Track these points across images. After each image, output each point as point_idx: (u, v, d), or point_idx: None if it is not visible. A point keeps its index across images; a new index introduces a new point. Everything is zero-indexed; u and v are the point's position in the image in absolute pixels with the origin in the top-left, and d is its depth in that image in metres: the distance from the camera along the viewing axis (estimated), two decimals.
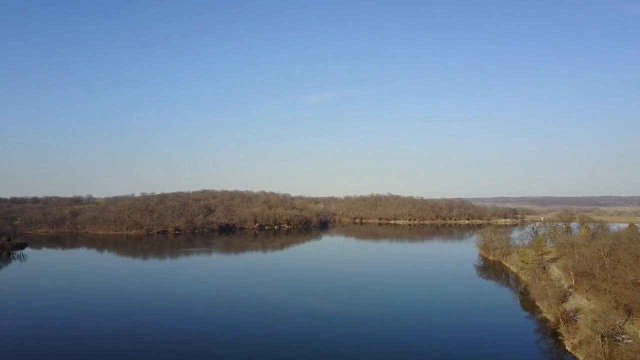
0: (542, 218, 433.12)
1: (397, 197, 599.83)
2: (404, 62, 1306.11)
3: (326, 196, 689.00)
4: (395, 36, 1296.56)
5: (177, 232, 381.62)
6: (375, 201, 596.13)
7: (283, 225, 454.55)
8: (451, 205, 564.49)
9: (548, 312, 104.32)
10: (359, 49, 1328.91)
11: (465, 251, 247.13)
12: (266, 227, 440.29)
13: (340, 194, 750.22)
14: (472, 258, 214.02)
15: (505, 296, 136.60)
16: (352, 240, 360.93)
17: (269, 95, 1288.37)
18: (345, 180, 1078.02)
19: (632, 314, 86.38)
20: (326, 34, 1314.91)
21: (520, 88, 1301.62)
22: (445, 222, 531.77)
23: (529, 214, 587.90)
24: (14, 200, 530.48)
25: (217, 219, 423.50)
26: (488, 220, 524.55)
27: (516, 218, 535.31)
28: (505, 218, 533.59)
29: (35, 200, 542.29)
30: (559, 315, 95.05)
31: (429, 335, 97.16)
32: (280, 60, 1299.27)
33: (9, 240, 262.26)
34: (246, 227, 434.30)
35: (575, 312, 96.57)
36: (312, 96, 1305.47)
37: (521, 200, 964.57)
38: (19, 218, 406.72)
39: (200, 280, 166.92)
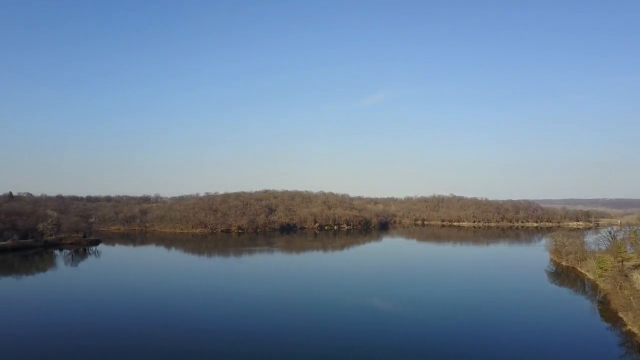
0: (620, 222, 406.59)
1: (460, 198, 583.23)
2: (459, 61, 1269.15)
3: (386, 197, 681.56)
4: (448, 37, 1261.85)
5: (240, 230, 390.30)
6: (437, 202, 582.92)
7: (342, 226, 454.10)
8: (517, 207, 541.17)
9: (633, 325, 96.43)
10: (413, 50, 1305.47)
11: (534, 255, 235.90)
12: (326, 227, 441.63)
13: (400, 194, 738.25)
14: (543, 263, 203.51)
15: (582, 305, 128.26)
16: (413, 242, 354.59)
17: (323, 95, 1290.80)
18: (405, 181, 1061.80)
19: None
20: (375, 36, 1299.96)
21: (592, 84, 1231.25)
22: (511, 224, 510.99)
23: (603, 217, 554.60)
24: (89, 199, 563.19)
25: (278, 218, 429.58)
26: (558, 223, 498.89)
27: (589, 221, 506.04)
28: (577, 221, 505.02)
29: (108, 199, 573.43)
30: None
31: (498, 341, 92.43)
32: (338, 58, 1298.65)
33: (84, 237, 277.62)
34: (306, 226, 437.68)
35: None
36: (368, 97, 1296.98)
37: (594, 202, 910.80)
38: (93, 216, 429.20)
39: (265, 280, 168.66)
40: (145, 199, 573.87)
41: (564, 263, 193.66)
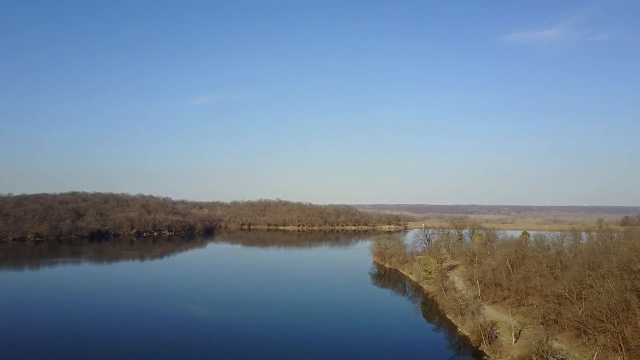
0: (423, 225, 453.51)
1: (285, 203, 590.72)
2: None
3: (211, 201, 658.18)
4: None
5: (38, 239, 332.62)
6: (263, 206, 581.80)
7: (163, 232, 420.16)
8: (338, 212, 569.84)
9: (462, 326, 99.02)
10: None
11: (356, 257, 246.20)
12: (144, 234, 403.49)
13: (226, 198, 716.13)
14: (366, 265, 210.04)
15: (408, 307, 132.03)
16: (238, 247, 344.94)
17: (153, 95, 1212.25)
18: (233, 185, 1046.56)
19: (564, 329, 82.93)
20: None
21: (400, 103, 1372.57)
22: (332, 228, 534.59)
23: (409, 221, 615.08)
24: None
25: (88, 224, 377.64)
26: (373, 226, 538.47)
27: (399, 224, 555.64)
28: (389, 224, 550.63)
29: None
30: (475, 329, 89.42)
31: (327, 345, 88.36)
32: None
33: None
34: (121, 233, 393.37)
35: (492, 327, 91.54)
36: (198, 97, 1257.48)
37: (399, 207, 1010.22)
38: None
39: (67, 293, 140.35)
40: None
41: (387, 265, 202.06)
